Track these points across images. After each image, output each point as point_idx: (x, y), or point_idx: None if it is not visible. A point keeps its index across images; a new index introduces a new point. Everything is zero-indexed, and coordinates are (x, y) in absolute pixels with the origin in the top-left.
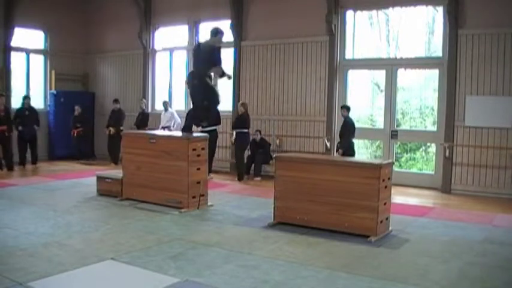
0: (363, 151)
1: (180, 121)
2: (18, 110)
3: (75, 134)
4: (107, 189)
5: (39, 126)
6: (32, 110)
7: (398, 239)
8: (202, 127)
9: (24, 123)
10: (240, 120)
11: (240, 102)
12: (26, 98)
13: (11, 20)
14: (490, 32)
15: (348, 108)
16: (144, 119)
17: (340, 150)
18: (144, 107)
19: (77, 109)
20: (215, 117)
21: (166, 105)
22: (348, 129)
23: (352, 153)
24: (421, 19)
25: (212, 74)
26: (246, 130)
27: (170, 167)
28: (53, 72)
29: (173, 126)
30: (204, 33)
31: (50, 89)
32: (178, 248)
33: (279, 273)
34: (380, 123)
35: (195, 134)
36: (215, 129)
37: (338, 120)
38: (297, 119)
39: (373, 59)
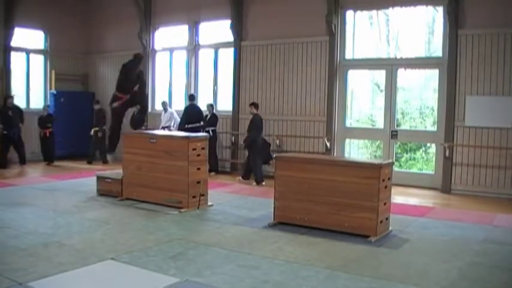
0: (363, 151)
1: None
2: (1, 111)
3: (48, 134)
4: (107, 189)
5: (23, 124)
6: (15, 109)
7: (399, 239)
8: None
9: (8, 123)
10: (209, 119)
11: (208, 103)
12: (9, 97)
13: (11, 20)
14: (490, 32)
15: (255, 106)
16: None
17: (243, 144)
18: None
19: (46, 109)
20: None
21: (165, 105)
22: (255, 125)
23: (255, 148)
24: (421, 19)
25: None
26: (214, 128)
27: (170, 166)
28: (53, 72)
29: (173, 126)
30: (204, 33)
31: (50, 89)
32: (178, 248)
33: (279, 273)
34: (380, 123)
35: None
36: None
37: (338, 120)
38: (297, 119)
39: (373, 59)
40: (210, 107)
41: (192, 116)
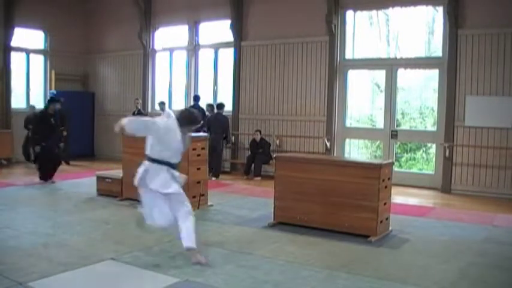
0: (363, 151)
1: None
2: (42, 117)
3: None
4: (107, 189)
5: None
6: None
7: (398, 239)
8: None
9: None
10: None
11: (208, 103)
12: (57, 101)
13: (11, 20)
14: (490, 32)
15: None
16: None
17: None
18: (140, 107)
19: (36, 110)
20: None
21: (163, 105)
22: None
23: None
24: (421, 19)
25: None
26: None
27: None
28: (53, 72)
29: None
30: (204, 33)
31: (50, 89)
32: (178, 248)
33: (279, 273)
34: (380, 123)
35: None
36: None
37: (338, 120)
38: (297, 119)
39: (373, 59)
40: (210, 107)
41: None
